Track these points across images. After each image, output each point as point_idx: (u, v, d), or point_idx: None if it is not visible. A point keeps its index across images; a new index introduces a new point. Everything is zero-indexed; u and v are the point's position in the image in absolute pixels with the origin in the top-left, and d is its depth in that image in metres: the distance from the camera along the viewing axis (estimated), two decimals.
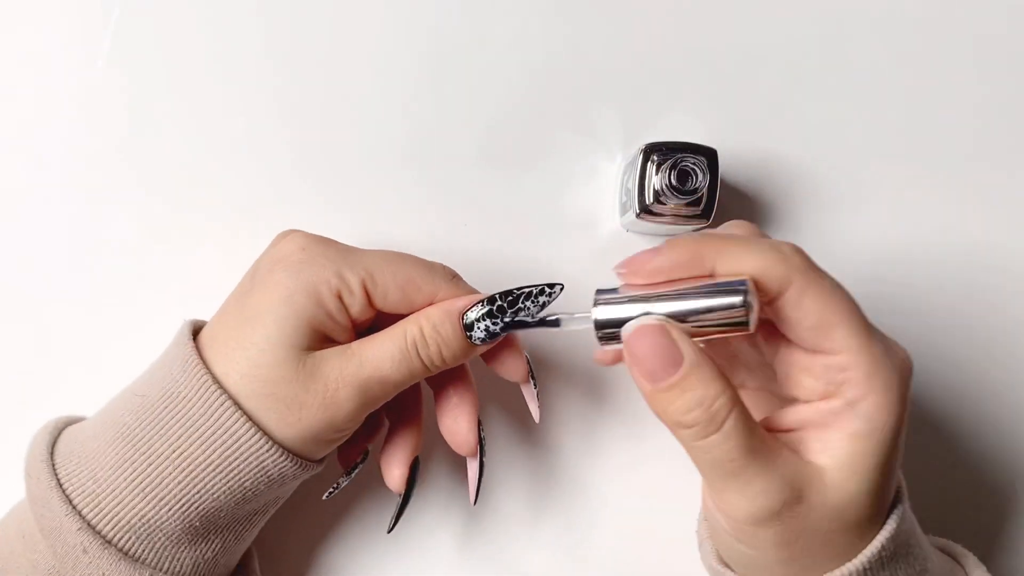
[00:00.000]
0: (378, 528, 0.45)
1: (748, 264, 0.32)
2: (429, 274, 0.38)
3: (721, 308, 0.31)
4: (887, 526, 0.34)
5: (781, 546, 0.33)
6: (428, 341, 0.37)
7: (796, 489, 0.32)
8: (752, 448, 0.32)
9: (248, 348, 0.36)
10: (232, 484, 0.36)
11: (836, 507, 0.33)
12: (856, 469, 0.32)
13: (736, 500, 0.33)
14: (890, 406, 0.32)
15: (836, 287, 0.33)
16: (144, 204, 0.45)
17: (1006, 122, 0.48)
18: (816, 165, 0.47)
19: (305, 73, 0.45)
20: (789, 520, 0.32)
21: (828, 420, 0.33)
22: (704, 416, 0.32)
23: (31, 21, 0.45)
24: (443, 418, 0.40)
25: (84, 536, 0.35)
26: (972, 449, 0.48)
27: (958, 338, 0.48)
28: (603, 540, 0.46)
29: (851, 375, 0.32)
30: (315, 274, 0.36)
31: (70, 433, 0.38)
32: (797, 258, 0.33)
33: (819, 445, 0.33)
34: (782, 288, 0.32)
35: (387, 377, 0.36)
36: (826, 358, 0.33)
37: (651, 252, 0.33)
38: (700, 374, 0.32)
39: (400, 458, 0.40)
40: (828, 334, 0.32)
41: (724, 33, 0.47)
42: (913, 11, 0.47)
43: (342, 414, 0.36)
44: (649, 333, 0.32)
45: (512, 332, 0.37)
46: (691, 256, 0.33)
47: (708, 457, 0.33)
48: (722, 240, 0.33)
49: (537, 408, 0.40)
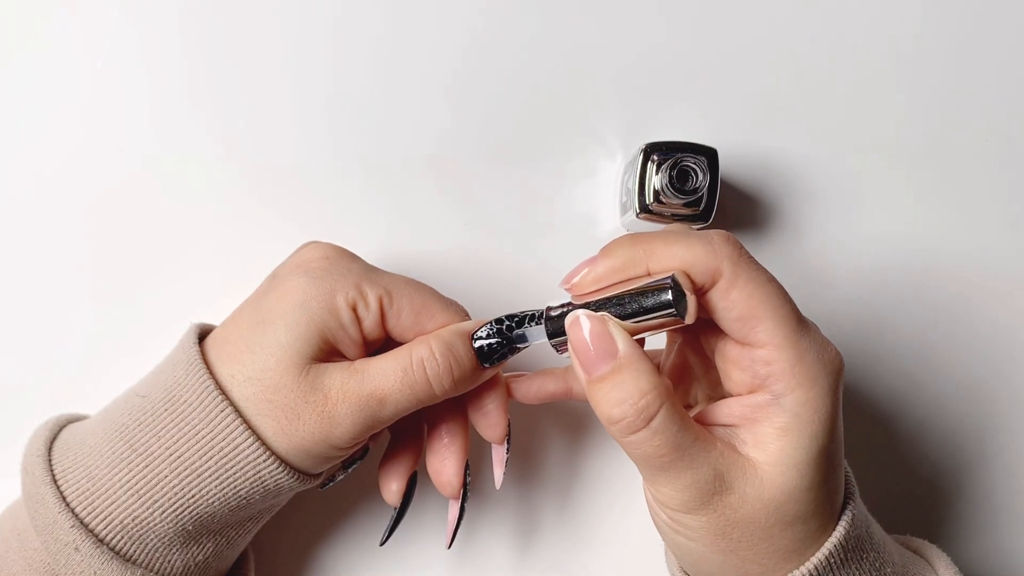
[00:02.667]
0: (373, 537, 0.45)
1: (677, 259, 0.33)
2: (445, 306, 0.38)
3: (652, 307, 0.32)
4: (836, 531, 0.34)
5: (716, 536, 0.33)
6: (438, 359, 0.36)
7: (726, 480, 0.33)
8: (680, 444, 0.32)
9: (256, 351, 0.36)
10: (227, 491, 0.35)
11: (773, 501, 0.33)
12: (788, 464, 0.33)
13: (667, 491, 0.33)
14: (815, 400, 0.33)
15: (767, 280, 0.33)
16: (153, 206, 0.45)
17: (1008, 122, 0.48)
18: (816, 165, 0.47)
19: (307, 75, 0.45)
20: (721, 509, 0.33)
21: (756, 414, 0.33)
22: (632, 411, 0.32)
23: (32, 21, 0.45)
24: (431, 456, 0.40)
25: (76, 534, 0.34)
26: (974, 451, 0.48)
27: (958, 338, 0.48)
28: (596, 553, 0.46)
29: (775, 368, 0.33)
30: (334, 283, 0.36)
31: (70, 430, 0.38)
32: (727, 248, 0.33)
33: (751, 439, 0.34)
34: (713, 278, 0.33)
35: (388, 395, 0.35)
36: (752, 351, 0.33)
37: (589, 263, 0.34)
38: (632, 367, 0.32)
39: (399, 472, 0.40)
40: (754, 326, 0.33)
41: (724, 33, 0.47)
42: (913, 11, 0.48)
43: (339, 430, 0.35)
44: (586, 322, 0.33)
45: (505, 390, 0.39)
46: (624, 261, 0.34)
47: (638, 452, 0.33)
48: (652, 239, 0.34)
49: (501, 474, 0.40)
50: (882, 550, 0.36)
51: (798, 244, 0.47)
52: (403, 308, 0.37)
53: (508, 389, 0.40)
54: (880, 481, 0.47)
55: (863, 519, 0.36)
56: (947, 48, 0.48)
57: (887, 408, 0.48)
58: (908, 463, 0.48)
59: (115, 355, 0.44)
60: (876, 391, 0.47)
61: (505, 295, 0.46)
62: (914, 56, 0.48)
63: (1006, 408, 0.48)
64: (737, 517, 0.33)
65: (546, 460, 0.46)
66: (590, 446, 0.46)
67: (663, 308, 0.32)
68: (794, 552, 0.34)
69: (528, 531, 0.46)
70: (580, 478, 0.46)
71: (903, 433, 0.48)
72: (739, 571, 0.34)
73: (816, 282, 0.47)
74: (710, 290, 0.33)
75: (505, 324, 0.37)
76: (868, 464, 0.47)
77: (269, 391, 0.35)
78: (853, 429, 0.45)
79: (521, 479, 0.46)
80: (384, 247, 0.45)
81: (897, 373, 0.47)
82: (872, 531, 0.36)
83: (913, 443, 0.48)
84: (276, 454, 0.35)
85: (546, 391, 0.40)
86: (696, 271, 0.33)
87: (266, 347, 0.35)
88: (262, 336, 0.36)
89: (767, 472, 0.33)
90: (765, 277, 0.33)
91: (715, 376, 0.37)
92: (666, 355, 0.40)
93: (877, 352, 0.47)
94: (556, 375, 0.40)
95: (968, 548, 0.48)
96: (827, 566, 0.34)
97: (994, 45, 0.48)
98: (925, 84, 0.48)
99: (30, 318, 0.44)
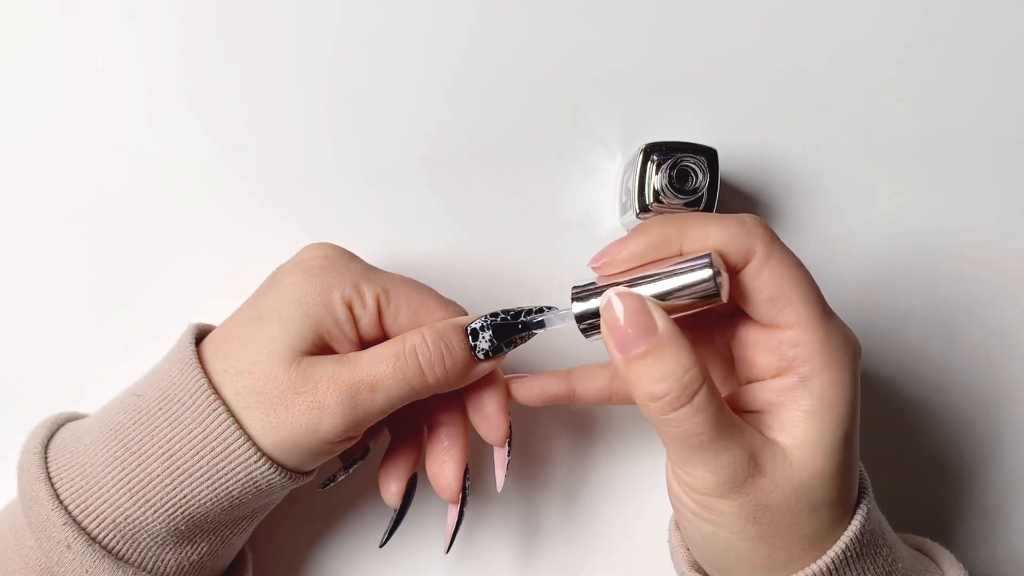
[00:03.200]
0: (372, 539, 0.45)
1: (712, 239, 0.33)
2: (443, 304, 0.38)
3: (691, 284, 0.33)
4: (853, 524, 0.34)
5: (748, 521, 0.33)
6: (430, 346, 0.36)
7: (759, 462, 0.33)
8: (720, 423, 0.32)
9: (249, 346, 0.36)
10: (219, 491, 0.35)
11: (803, 485, 0.33)
12: (817, 446, 0.33)
13: (701, 474, 0.33)
14: (841, 383, 0.33)
15: (797, 263, 0.34)
16: (153, 206, 0.45)
17: (1009, 121, 0.48)
18: (816, 165, 0.47)
19: (307, 76, 0.45)
20: (753, 492, 0.33)
21: (783, 398, 0.34)
22: (676, 387, 0.32)
23: (32, 20, 0.45)
24: (430, 459, 0.39)
25: (69, 531, 0.34)
26: (983, 449, 0.48)
27: (959, 336, 0.48)
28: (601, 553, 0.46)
29: (802, 351, 0.33)
30: (331, 280, 0.36)
31: (68, 429, 0.38)
32: (760, 229, 0.34)
33: (778, 424, 0.34)
34: (747, 258, 0.33)
35: (379, 381, 0.35)
36: (780, 332, 0.33)
37: (621, 242, 0.35)
38: (675, 344, 0.32)
39: (398, 473, 0.40)
40: (783, 307, 0.33)
41: (724, 33, 0.47)
42: (913, 11, 0.48)
43: (328, 421, 0.35)
44: (625, 300, 0.33)
45: (505, 391, 0.39)
46: (659, 239, 0.34)
47: (677, 431, 0.33)
48: (686, 220, 0.34)
49: (503, 477, 0.39)
50: (894, 546, 0.36)
51: (798, 244, 0.47)
52: (401, 307, 0.37)
53: (508, 390, 0.40)
54: (889, 478, 0.47)
55: (876, 514, 0.36)
56: (947, 47, 0.48)
57: (887, 408, 0.47)
58: (915, 460, 0.48)
59: (115, 356, 0.44)
60: (875, 394, 0.47)
61: (505, 295, 0.46)
62: (914, 55, 0.48)
63: (1013, 405, 0.48)
64: (768, 500, 0.33)
65: (552, 462, 0.46)
66: (597, 448, 0.46)
67: (702, 285, 0.32)
68: (818, 539, 0.34)
69: (532, 535, 0.46)
70: (587, 481, 0.46)
71: (909, 429, 0.48)
72: (766, 560, 0.34)
73: (816, 281, 0.47)
74: (742, 270, 0.33)
75: (500, 317, 0.37)
76: (875, 462, 0.47)
77: (259, 383, 0.35)
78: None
79: (526, 481, 0.46)
80: (383, 247, 0.45)
81: (898, 370, 0.47)
82: (884, 527, 0.36)
83: (920, 439, 0.48)
84: (263, 450, 0.35)
85: (548, 393, 0.39)
86: (730, 250, 0.33)
87: (259, 341, 0.35)
88: (256, 331, 0.36)
89: (796, 455, 0.33)
90: (795, 261, 0.34)
91: (720, 374, 0.37)
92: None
93: (877, 351, 0.47)
94: (559, 377, 0.39)
95: (977, 547, 0.48)
96: (843, 560, 0.34)
97: (993, 44, 0.48)
98: (925, 84, 0.48)
99: (30, 318, 0.44)
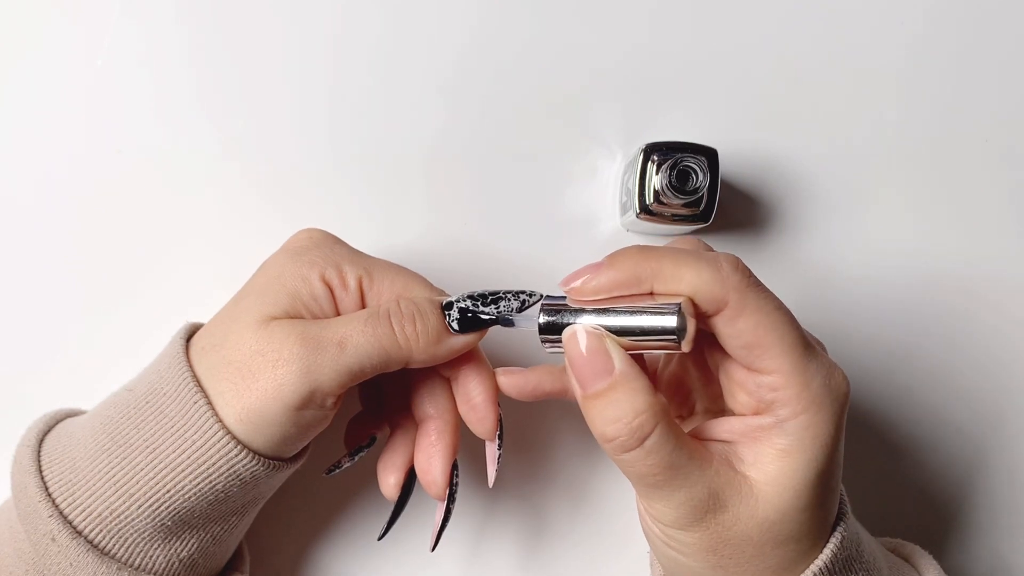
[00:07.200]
0: (371, 532, 0.45)
1: (684, 284, 0.32)
2: (427, 288, 0.37)
3: (655, 329, 0.32)
4: (826, 550, 0.34)
5: (708, 552, 0.33)
6: (403, 309, 0.35)
7: (720, 499, 0.33)
8: (673, 463, 0.32)
9: (226, 321, 0.36)
10: (202, 484, 0.35)
11: (767, 520, 0.33)
12: (786, 485, 0.33)
13: (661, 508, 0.33)
14: (818, 425, 0.32)
15: (774, 307, 0.33)
16: (153, 205, 0.45)
17: (1008, 124, 0.48)
18: (816, 165, 0.47)
19: (307, 73, 0.45)
20: (714, 527, 0.33)
21: (758, 434, 0.33)
22: (626, 431, 0.32)
23: (32, 19, 0.45)
24: (418, 454, 0.39)
25: (54, 524, 0.34)
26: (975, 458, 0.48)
27: (959, 339, 0.48)
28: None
29: (781, 395, 0.32)
30: (312, 258, 0.36)
31: (65, 424, 0.38)
32: (736, 276, 0.32)
33: (750, 457, 0.33)
34: (718, 307, 0.32)
35: (348, 337, 0.34)
36: (758, 376, 0.33)
37: (593, 270, 0.33)
38: (628, 386, 0.32)
39: (396, 465, 0.39)
40: (760, 355, 0.32)
41: (724, 33, 0.47)
42: (913, 12, 0.48)
43: (290, 379, 0.34)
44: (584, 338, 0.33)
45: (493, 380, 0.38)
46: (630, 277, 0.33)
47: (631, 471, 0.33)
48: (660, 258, 0.33)
49: (494, 472, 0.39)
50: (872, 568, 0.36)
51: (798, 244, 0.47)
52: (384, 290, 0.37)
53: (497, 383, 0.38)
54: (880, 488, 0.47)
55: (853, 538, 0.36)
56: (948, 48, 0.48)
57: (887, 410, 0.48)
58: (908, 468, 0.48)
59: (112, 353, 0.44)
60: (876, 392, 0.47)
61: None
62: (914, 56, 0.48)
63: (1007, 410, 0.48)
64: (729, 535, 0.33)
65: (555, 456, 0.46)
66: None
67: (665, 334, 0.32)
68: (784, 570, 0.34)
69: (535, 533, 0.46)
70: (591, 476, 0.46)
71: (902, 437, 0.48)
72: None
73: (816, 282, 0.47)
74: (715, 316, 0.33)
75: (478, 295, 0.36)
76: (867, 470, 0.47)
77: (230, 351, 0.35)
78: (853, 434, 0.45)
79: (528, 477, 0.46)
80: (382, 245, 0.45)
81: (897, 373, 0.47)
82: (862, 549, 0.36)
83: (913, 447, 0.48)
84: (229, 423, 0.34)
85: (542, 390, 0.38)
86: (702, 298, 0.32)
87: (234, 315, 0.36)
88: (234, 308, 0.36)
89: (763, 492, 0.33)
90: (772, 304, 0.33)
91: (716, 389, 0.37)
92: (665, 363, 0.40)
93: (877, 352, 0.47)
94: (553, 373, 0.38)
95: (969, 555, 0.48)
96: None
97: (996, 47, 0.48)
98: (925, 84, 0.48)
99: (29, 317, 0.44)
